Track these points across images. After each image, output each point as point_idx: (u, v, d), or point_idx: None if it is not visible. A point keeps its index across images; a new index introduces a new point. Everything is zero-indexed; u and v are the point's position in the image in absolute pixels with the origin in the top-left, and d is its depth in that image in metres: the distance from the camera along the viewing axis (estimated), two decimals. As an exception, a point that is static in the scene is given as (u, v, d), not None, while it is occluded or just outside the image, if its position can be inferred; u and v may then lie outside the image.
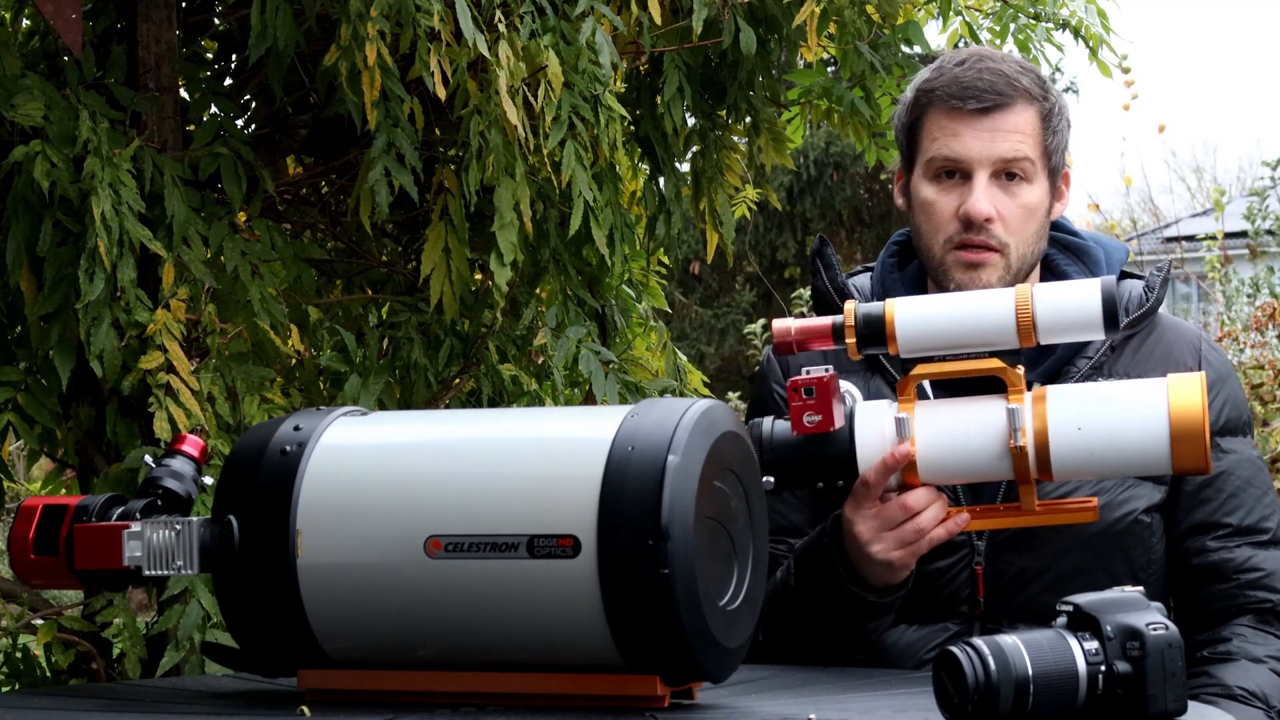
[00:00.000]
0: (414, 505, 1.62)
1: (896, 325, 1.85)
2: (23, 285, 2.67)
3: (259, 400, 2.72)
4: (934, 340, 1.86)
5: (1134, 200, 22.17)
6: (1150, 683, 1.50)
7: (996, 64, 2.19)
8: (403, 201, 2.93)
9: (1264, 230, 7.53)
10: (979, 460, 1.86)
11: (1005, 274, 2.16)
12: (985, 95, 2.15)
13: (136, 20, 2.86)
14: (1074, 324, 1.84)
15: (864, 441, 1.88)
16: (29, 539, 1.77)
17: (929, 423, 1.87)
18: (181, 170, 2.76)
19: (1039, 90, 2.18)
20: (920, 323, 1.85)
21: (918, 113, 2.22)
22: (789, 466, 1.89)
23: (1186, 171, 27.30)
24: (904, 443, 1.87)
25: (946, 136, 2.17)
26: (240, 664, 1.79)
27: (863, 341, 1.86)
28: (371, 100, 2.57)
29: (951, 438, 1.87)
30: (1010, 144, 2.15)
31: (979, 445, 1.86)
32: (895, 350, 1.86)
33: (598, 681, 1.61)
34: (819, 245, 2.29)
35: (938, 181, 2.18)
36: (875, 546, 1.96)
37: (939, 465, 1.88)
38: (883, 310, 1.85)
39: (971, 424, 1.86)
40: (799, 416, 1.85)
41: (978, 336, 1.85)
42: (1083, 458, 1.84)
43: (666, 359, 3.46)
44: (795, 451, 1.89)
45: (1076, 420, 1.83)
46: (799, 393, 1.85)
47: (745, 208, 3.71)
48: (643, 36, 2.93)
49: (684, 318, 15.23)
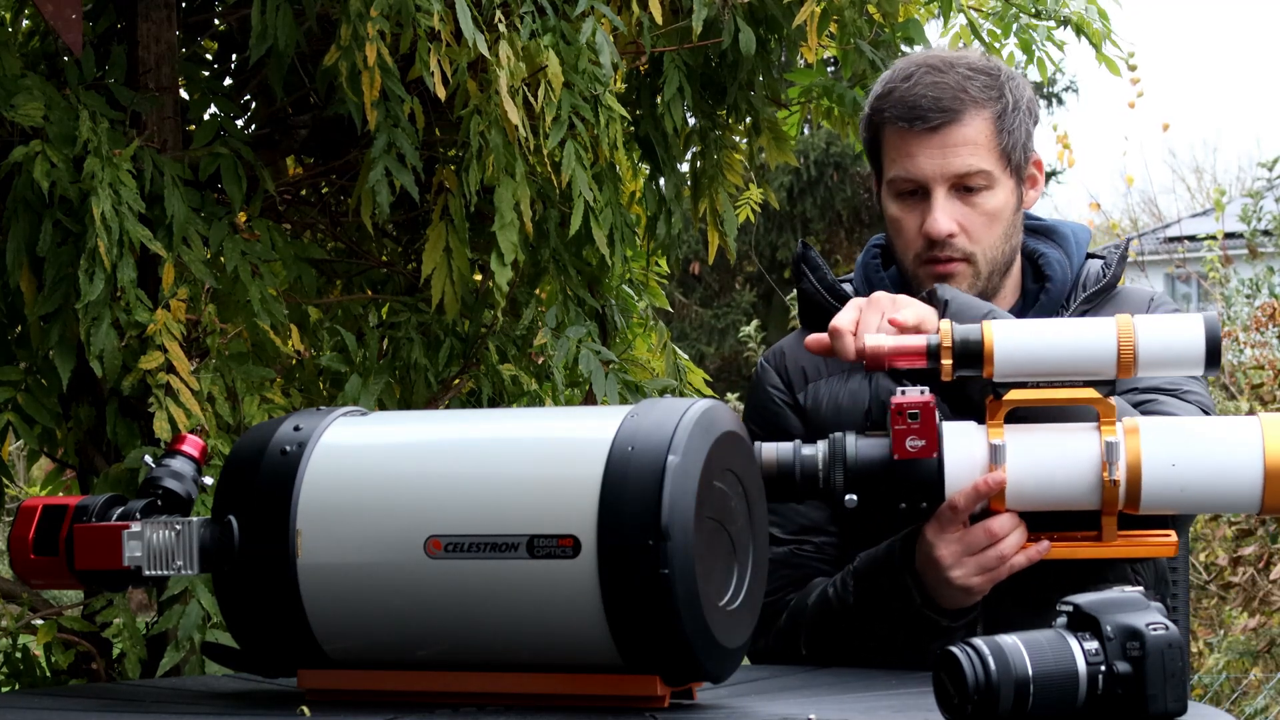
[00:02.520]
0: (414, 505, 1.62)
1: (996, 349, 1.80)
2: (23, 285, 2.67)
3: (259, 400, 2.72)
4: (1031, 367, 1.82)
5: (1133, 201, 22.18)
6: (1150, 683, 1.50)
7: (942, 75, 2.16)
8: (403, 201, 2.93)
9: (1260, 231, 7.53)
10: (1068, 490, 1.83)
11: (975, 280, 2.17)
12: (930, 114, 2.14)
13: (136, 20, 2.86)
14: (1176, 359, 1.80)
15: (954, 466, 1.84)
16: (29, 539, 1.77)
17: (1020, 450, 1.83)
18: (181, 170, 2.76)
19: (990, 92, 2.16)
20: (1019, 348, 1.81)
21: (874, 131, 2.22)
22: (874, 486, 1.85)
23: (1186, 171, 27.30)
24: (997, 469, 1.83)
25: (901, 158, 2.16)
26: (240, 664, 1.79)
27: (958, 363, 1.82)
28: (372, 100, 2.57)
29: (1043, 466, 1.83)
30: (962, 159, 2.14)
31: (1071, 475, 1.82)
32: (990, 373, 1.81)
33: (598, 681, 1.60)
34: (803, 249, 2.29)
35: (901, 200, 2.19)
36: (956, 571, 1.93)
37: (1027, 493, 1.85)
38: (981, 332, 1.80)
39: (1064, 454, 1.83)
40: (901, 441, 1.80)
41: (1077, 366, 1.81)
42: (1174, 494, 1.82)
43: (667, 359, 3.46)
44: (881, 471, 1.84)
45: (1171, 457, 1.81)
46: (903, 416, 1.80)
47: (749, 209, 3.70)
48: (643, 36, 2.93)
49: (684, 318, 15.23)
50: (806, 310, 2.28)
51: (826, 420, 2.20)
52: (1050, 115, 18.90)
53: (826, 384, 2.24)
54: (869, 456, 1.84)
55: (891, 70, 2.23)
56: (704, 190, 3.29)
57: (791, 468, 1.86)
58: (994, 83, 2.17)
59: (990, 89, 2.17)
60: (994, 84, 2.17)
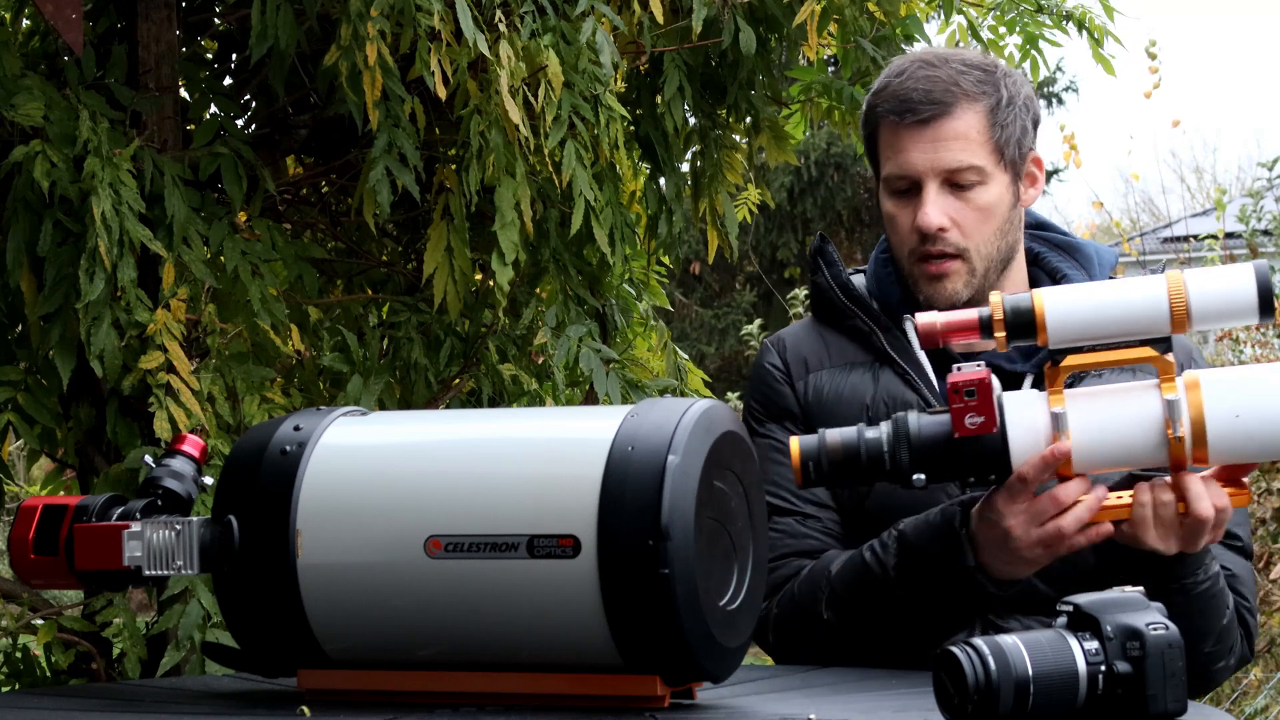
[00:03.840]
0: (414, 505, 1.62)
1: (1047, 315, 1.81)
2: (23, 285, 2.68)
3: (259, 400, 2.72)
4: (1085, 330, 1.82)
5: (1132, 201, 22.18)
6: (1150, 683, 1.50)
7: (935, 69, 2.16)
8: (403, 201, 2.93)
9: (1259, 231, 7.53)
10: (1135, 450, 1.84)
11: (970, 278, 2.17)
12: (922, 107, 2.14)
13: (136, 20, 2.86)
14: (1228, 310, 1.81)
15: (1017, 438, 1.84)
16: (29, 539, 1.77)
17: (1082, 414, 1.83)
18: (181, 170, 2.76)
19: (983, 87, 2.16)
20: (1071, 313, 1.82)
21: (870, 129, 2.23)
22: (940, 463, 1.85)
23: (1187, 171, 27.31)
24: (1061, 437, 1.83)
25: (895, 153, 2.17)
26: (240, 664, 1.79)
27: (1012, 333, 1.82)
28: (372, 100, 2.57)
29: (1107, 429, 1.84)
30: (953, 153, 2.14)
31: (1136, 436, 1.83)
32: (1044, 341, 1.82)
33: (598, 681, 1.60)
34: (820, 242, 2.29)
35: (895, 197, 2.19)
36: (1022, 541, 1.92)
37: (1094, 456, 1.85)
38: (1031, 301, 1.81)
39: (1126, 415, 1.83)
40: (960, 419, 1.81)
41: (1130, 326, 1.81)
42: (1241, 442, 1.82)
43: (667, 358, 3.46)
44: (946, 448, 1.84)
45: (1234, 408, 1.81)
46: (959, 394, 1.80)
47: (746, 210, 3.70)
48: (643, 36, 2.93)
49: (684, 318, 15.23)
50: (819, 303, 2.29)
51: (826, 409, 2.20)
52: (1050, 115, 18.92)
53: (828, 374, 2.24)
54: (932, 435, 1.85)
55: (888, 67, 2.24)
56: (704, 190, 3.29)
57: (856, 450, 1.86)
58: (988, 78, 2.17)
59: (984, 83, 2.16)
60: (988, 79, 2.17)
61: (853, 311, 2.24)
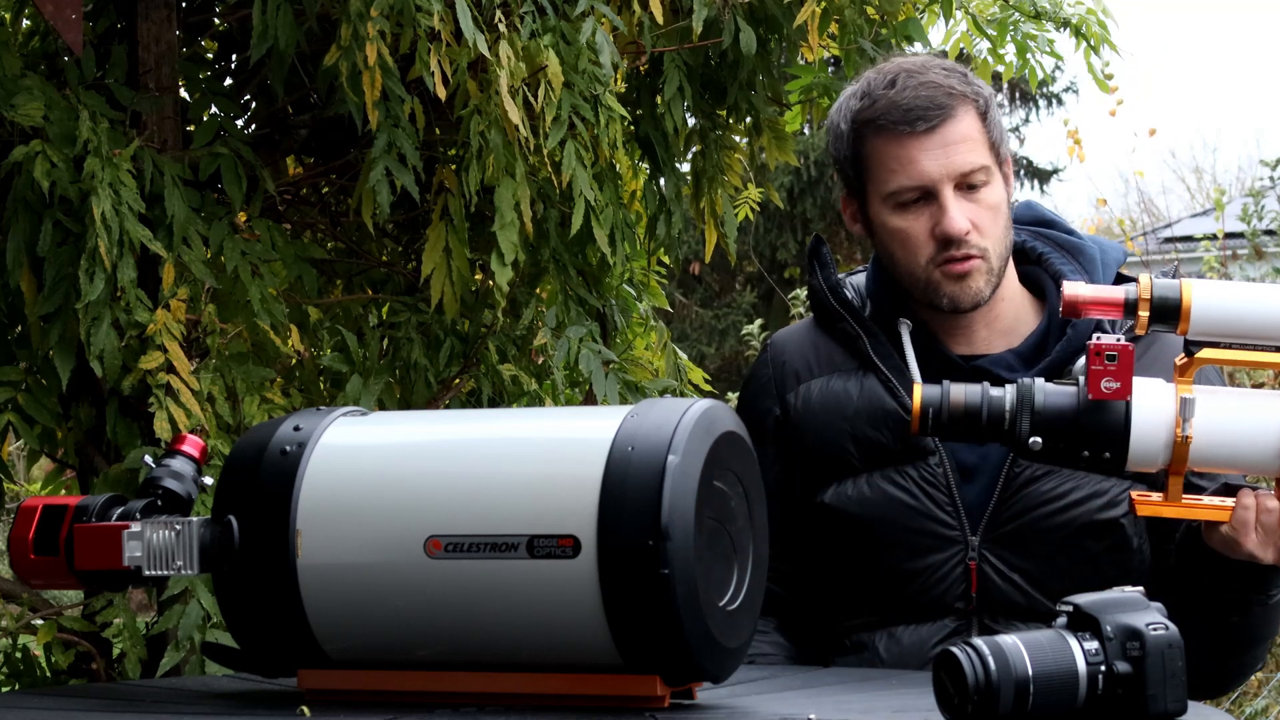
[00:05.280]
0: (414, 505, 1.62)
1: (1194, 305, 1.81)
2: (23, 285, 2.67)
3: (259, 400, 2.72)
4: (1228, 327, 1.83)
5: (1131, 201, 22.17)
6: (1150, 683, 1.50)
7: (926, 75, 2.16)
8: (403, 201, 2.92)
9: (1261, 231, 7.53)
10: (1253, 452, 1.85)
11: (990, 275, 2.18)
12: (929, 112, 2.14)
13: (136, 20, 2.86)
14: None
15: (1141, 414, 1.84)
16: (29, 539, 1.77)
17: (1207, 408, 1.84)
18: (181, 170, 2.76)
19: (970, 88, 2.18)
20: (1219, 307, 1.82)
21: (859, 145, 2.20)
22: (1059, 431, 1.85)
23: (1186, 172, 27.28)
24: (1185, 424, 1.83)
25: (902, 166, 2.15)
26: (240, 664, 1.79)
27: (1155, 317, 1.82)
28: (372, 100, 2.57)
29: (1230, 426, 1.85)
30: (964, 155, 2.15)
31: (1258, 437, 1.84)
32: (1184, 330, 1.82)
33: (598, 681, 1.60)
34: (815, 245, 2.29)
35: (901, 210, 2.17)
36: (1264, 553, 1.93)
37: (1210, 451, 1.86)
38: (1179, 288, 1.81)
39: (1250, 415, 1.85)
40: (1097, 381, 1.81)
41: (1274, 330, 1.83)
42: None
43: (667, 359, 3.46)
44: (1069, 416, 1.85)
45: None
46: (1100, 357, 1.80)
47: (748, 208, 3.70)
48: (643, 36, 2.93)
49: (684, 318, 15.24)
50: (815, 305, 2.29)
51: (817, 415, 2.22)
52: (1050, 115, 18.95)
53: (818, 383, 2.25)
54: (1057, 402, 1.85)
55: (866, 80, 2.22)
56: (704, 190, 3.29)
57: (979, 409, 1.86)
58: (968, 80, 2.19)
59: (968, 85, 2.18)
60: (968, 81, 2.19)
61: (840, 315, 2.25)
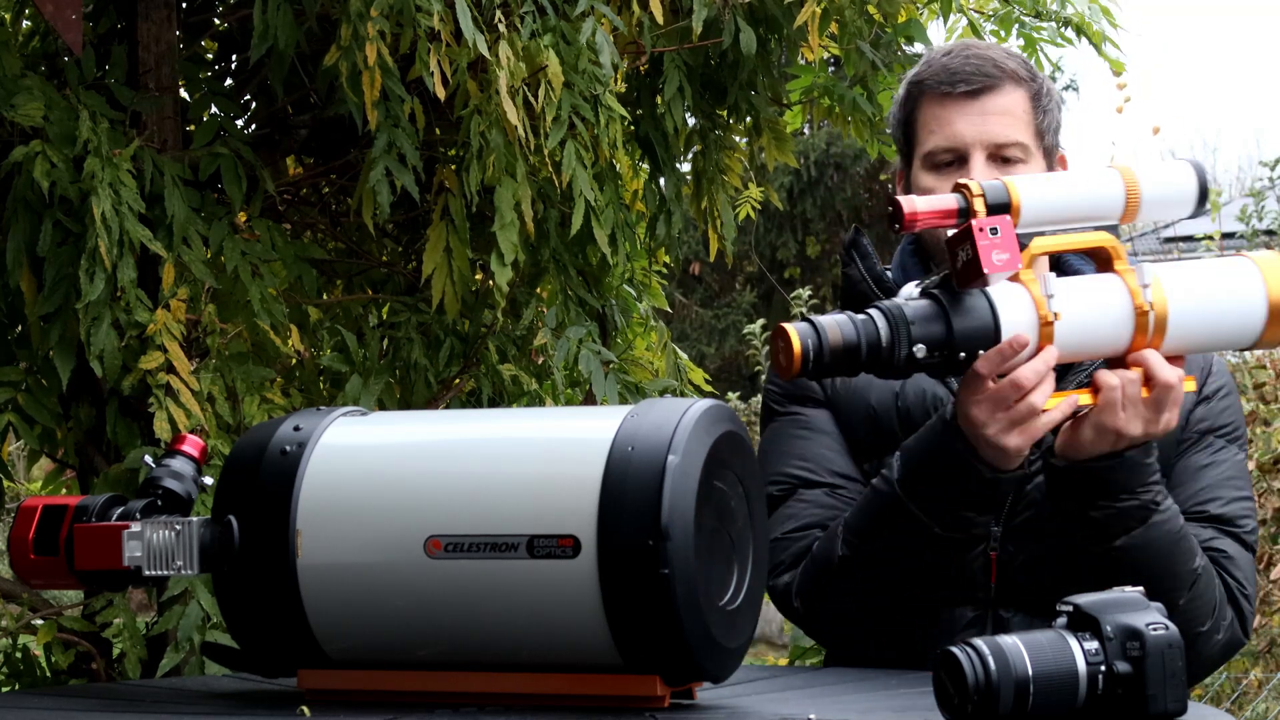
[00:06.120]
0: (414, 505, 1.62)
1: (1022, 199, 1.91)
2: (23, 285, 2.68)
3: (259, 400, 2.72)
4: (1052, 213, 1.93)
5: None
6: (1150, 683, 1.50)
7: (983, 50, 2.23)
8: (403, 201, 2.93)
9: (1260, 230, 7.53)
10: (1106, 329, 1.93)
11: None
12: (973, 78, 2.18)
13: (136, 20, 2.86)
14: (1172, 201, 1.97)
15: (1004, 303, 1.91)
16: (29, 539, 1.77)
17: (1063, 290, 1.93)
18: (181, 170, 2.76)
19: (1026, 72, 2.22)
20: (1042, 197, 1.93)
21: (910, 106, 2.25)
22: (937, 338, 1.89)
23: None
24: (1019, 332, 1.90)
25: (940, 126, 2.20)
26: (240, 664, 1.79)
27: (991, 210, 1.90)
28: (372, 100, 2.57)
29: (1081, 310, 1.93)
30: (1001, 126, 2.18)
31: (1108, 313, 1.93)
32: (1017, 222, 1.90)
33: (598, 681, 1.60)
34: (855, 235, 2.32)
35: (935, 171, 2.21)
36: (991, 429, 1.96)
37: (1076, 336, 1.94)
38: (1004, 184, 1.91)
39: (1098, 293, 1.94)
40: (988, 255, 1.86)
41: (1090, 211, 1.95)
42: (1194, 325, 1.95)
43: (667, 359, 3.46)
44: (943, 316, 1.89)
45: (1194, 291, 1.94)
46: (985, 232, 1.87)
47: (749, 208, 3.70)
48: (643, 36, 2.93)
49: (684, 318, 15.24)
50: (850, 295, 2.29)
51: (857, 394, 2.24)
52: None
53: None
54: (924, 308, 1.89)
55: (931, 50, 2.31)
56: (704, 190, 3.29)
57: (857, 342, 1.87)
58: (1028, 67, 2.24)
59: (1026, 70, 2.23)
60: (1028, 67, 2.23)
61: None
